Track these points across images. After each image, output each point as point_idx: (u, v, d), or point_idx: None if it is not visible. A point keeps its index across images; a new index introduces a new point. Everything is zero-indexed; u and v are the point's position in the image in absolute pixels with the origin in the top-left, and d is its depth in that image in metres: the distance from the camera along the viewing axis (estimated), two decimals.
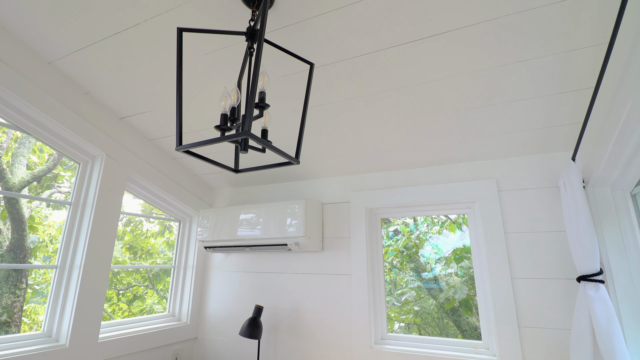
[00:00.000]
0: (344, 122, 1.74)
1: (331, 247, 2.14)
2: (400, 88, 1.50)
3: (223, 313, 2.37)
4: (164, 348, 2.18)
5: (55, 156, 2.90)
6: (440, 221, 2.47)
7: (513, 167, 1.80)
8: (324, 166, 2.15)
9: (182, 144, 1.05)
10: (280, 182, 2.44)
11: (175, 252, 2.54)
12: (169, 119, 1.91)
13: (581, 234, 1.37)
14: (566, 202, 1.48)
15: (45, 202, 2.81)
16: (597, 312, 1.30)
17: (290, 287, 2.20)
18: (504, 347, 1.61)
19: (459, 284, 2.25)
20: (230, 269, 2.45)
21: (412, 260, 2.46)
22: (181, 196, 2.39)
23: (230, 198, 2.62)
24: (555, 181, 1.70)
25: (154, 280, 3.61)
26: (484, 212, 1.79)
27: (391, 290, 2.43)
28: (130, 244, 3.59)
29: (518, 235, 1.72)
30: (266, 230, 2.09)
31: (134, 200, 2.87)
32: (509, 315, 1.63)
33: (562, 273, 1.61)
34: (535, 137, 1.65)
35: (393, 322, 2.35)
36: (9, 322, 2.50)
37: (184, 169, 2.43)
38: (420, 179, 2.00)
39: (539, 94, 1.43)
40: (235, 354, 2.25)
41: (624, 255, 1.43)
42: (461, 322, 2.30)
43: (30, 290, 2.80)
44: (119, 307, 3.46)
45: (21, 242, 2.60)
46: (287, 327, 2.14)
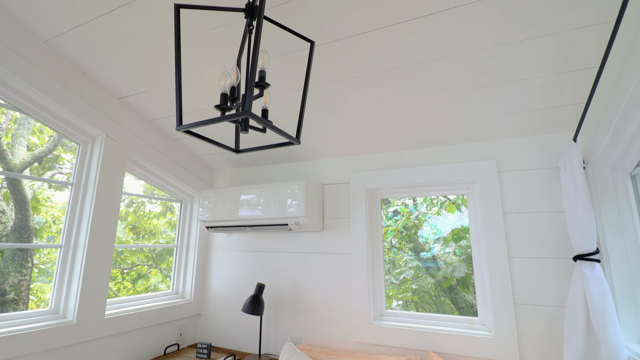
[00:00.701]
0: (345, 102, 1.73)
1: (331, 227, 2.17)
2: (401, 67, 1.48)
3: (225, 291, 2.43)
4: (169, 324, 2.24)
5: (56, 137, 2.89)
6: (440, 202, 2.48)
7: (514, 148, 1.80)
8: (324, 147, 2.15)
9: (182, 124, 1.05)
10: (281, 163, 2.44)
11: (177, 232, 2.58)
12: (168, 99, 1.89)
13: (579, 214, 1.38)
14: (565, 183, 1.48)
15: (47, 184, 2.83)
16: (592, 290, 1.33)
17: (291, 265, 2.24)
18: (499, 323, 1.66)
19: (456, 263, 2.29)
20: (232, 249, 2.48)
21: (411, 240, 2.50)
22: (182, 177, 2.40)
23: (231, 179, 2.63)
24: (556, 162, 1.71)
25: (157, 260, 3.68)
26: (483, 193, 1.80)
27: (390, 269, 2.48)
28: (133, 225, 3.63)
29: (516, 215, 1.73)
30: (267, 210, 2.11)
31: (135, 182, 2.88)
32: (505, 292, 1.67)
33: (559, 252, 1.63)
34: (537, 117, 1.64)
35: (391, 300, 2.40)
36: (17, 300, 2.56)
37: (184, 149, 2.43)
38: (421, 159, 2.00)
39: (542, 73, 1.41)
40: (237, 330, 2.32)
41: (621, 235, 1.45)
42: (458, 300, 2.36)
43: (36, 270, 2.86)
44: (123, 286, 3.54)
45: (25, 222, 2.62)
46: (288, 304, 2.19)
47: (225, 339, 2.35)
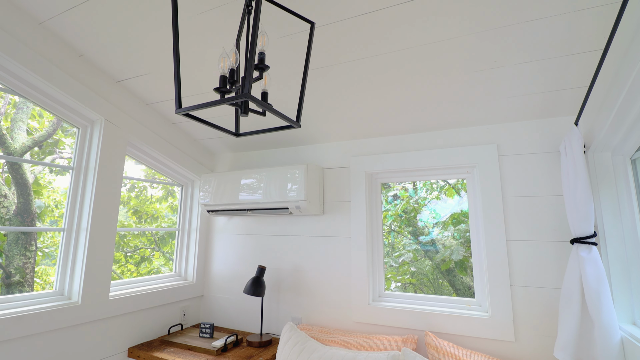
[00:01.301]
0: (345, 85, 1.71)
1: (331, 211, 2.18)
2: (403, 49, 1.46)
3: (227, 273, 2.47)
4: (172, 305, 2.29)
5: (55, 121, 2.88)
6: (439, 186, 2.49)
7: (515, 132, 1.79)
8: (325, 131, 2.14)
9: (181, 107, 1.04)
10: (281, 147, 2.44)
11: (179, 215, 2.60)
12: (167, 83, 1.88)
13: (578, 197, 1.39)
14: (565, 167, 1.49)
15: (48, 168, 2.83)
16: (588, 272, 1.35)
17: (291, 248, 2.27)
18: (495, 304, 1.69)
19: (455, 246, 2.31)
20: (233, 232, 2.51)
21: (410, 224, 2.52)
22: (182, 161, 2.40)
23: (231, 163, 2.63)
24: (556, 146, 1.70)
25: (160, 243, 3.72)
26: (483, 177, 1.81)
27: (389, 252, 2.51)
28: (136, 209, 3.66)
29: (516, 199, 1.74)
30: (267, 194, 2.12)
31: (136, 166, 2.88)
32: (502, 274, 1.70)
33: (556, 236, 1.65)
34: (539, 101, 1.63)
35: (390, 282, 2.44)
36: (22, 282, 2.60)
37: (184, 134, 2.42)
38: (421, 143, 2.00)
39: (545, 56, 1.39)
40: (239, 310, 2.37)
41: (619, 219, 1.46)
42: (456, 282, 2.39)
43: (40, 253, 2.89)
44: (127, 269, 3.60)
45: (27, 206, 2.64)
46: (289, 285, 2.23)
47: (228, 319, 2.41)
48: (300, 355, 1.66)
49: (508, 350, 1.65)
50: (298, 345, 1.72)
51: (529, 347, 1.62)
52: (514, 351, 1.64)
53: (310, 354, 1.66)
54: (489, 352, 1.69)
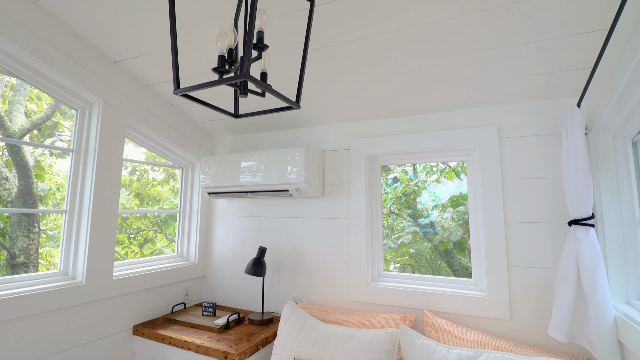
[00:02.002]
0: (346, 66, 1.69)
1: (331, 193, 2.19)
2: (404, 29, 1.43)
3: (228, 254, 2.51)
4: (175, 285, 2.34)
5: (53, 104, 2.86)
6: (439, 169, 2.49)
7: (516, 114, 1.78)
8: (325, 113, 2.13)
9: (179, 88, 1.03)
10: (281, 129, 2.43)
11: (179, 197, 2.62)
12: (165, 64, 1.85)
13: (577, 179, 1.39)
14: (566, 149, 1.48)
15: (48, 151, 2.83)
16: (584, 253, 1.37)
17: (292, 230, 2.29)
18: (492, 284, 1.72)
19: (453, 227, 2.34)
20: (233, 214, 2.53)
21: (409, 206, 2.53)
22: (182, 143, 2.39)
23: (231, 145, 2.62)
24: (558, 128, 1.69)
25: (162, 225, 3.76)
26: (483, 159, 1.81)
27: (388, 234, 2.54)
28: (137, 191, 3.68)
29: (515, 181, 1.75)
30: (268, 176, 2.13)
31: (136, 149, 2.88)
32: (499, 255, 1.72)
33: (555, 217, 1.66)
34: (541, 82, 1.61)
35: (389, 263, 2.48)
36: (27, 263, 2.63)
37: (183, 116, 2.41)
38: (422, 125, 1.99)
39: (550, 35, 1.36)
40: (241, 290, 2.42)
41: (617, 201, 1.47)
42: (453, 263, 2.43)
43: (44, 235, 2.92)
44: (131, 250, 3.65)
45: (29, 188, 2.65)
46: (289, 266, 2.27)
47: (230, 298, 2.46)
48: (301, 332, 1.71)
49: (503, 328, 1.70)
50: (298, 323, 1.76)
51: (524, 325, 1.66)
52: (509, 329, 1.69)
53: (310, 331, 1.70)
54: (485, 329, 1.73)
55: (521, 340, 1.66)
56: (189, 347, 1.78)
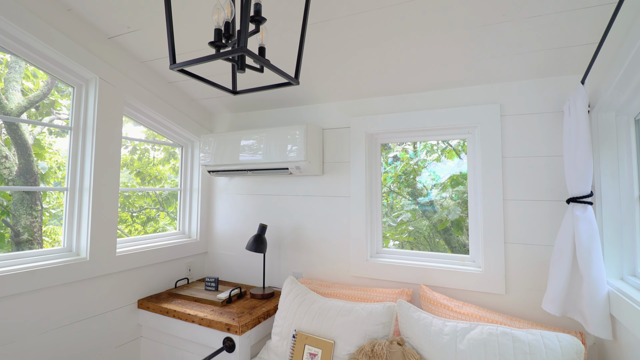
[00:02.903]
0: (345, 41, 1.65)
1: (331, 171, 2.20)
2: (406, 2, 1.38)
3: (230, 231, 2.54)
4: (178, 261, 2.38)
5: (49, 81, 2.82)
6: (440, 148, 2.48)
7: (519, 91, 1.75)
8: (325, 90, 2.10)
9: (175, 63, 1.01)
10: (280, 107, 2.40)
11: (180, 176, 2.63)
12: (161, 39, 1.81)
13: (578, 157, 1.39)
14: (568, 126, 1.47)
15: (47, 130, 2.81)
16: (581, 230, 1.38)
17: (292, 207, 2.31)
18: (488, 260, 1.75)
19: (452, 206, 2.35)
20: (234, 192, 2.55)
21: (409, 185, 2.54)
22: (181, 121, 2.38)
23: (230, 123, 2.61)
24: (560, 106, 1.67)
25: (164, 204, 3.79)
26: (484, 137, 1.79)
27: (388, 212, 2.56)
28: (138, 170, 3.69)
29: (515, 159, 1.74)
30: (267, 155, 2.13)
31: (135, 128, 2.87)
32: (497, 232, 1.74)
33: (553, 195, 1.67)
34: (546, 58, 1.57)
35: (388, 241, 2.51)
36: (31, 240, 2.67)
37: (181, 93, 2.38)
38: (423, 103, 1.96)
39: (556, 9, 1.32)
40: (242, 266, 2.47)
41: (616, 179, 1.47)
42: (451, 240, 2.47)
43: (47, 214, 2.95)
44: (134, 228, 3.70)
45: (29, 167, 2.65)
46: (289, 242, 2.31)
47: (232, 274, 2.51)
48: (301, 306, 1.76)
49: (498, 302, 1.74)
50: (299, 297, 1.81)
51: (519, 299, 1.70)
52: (504, 303, 1.73)
53: (310, 305, 1.75)
54: (480, 303, 1.77)
55: (516, 313, 1.70)
56: (192, 320, 1.84)
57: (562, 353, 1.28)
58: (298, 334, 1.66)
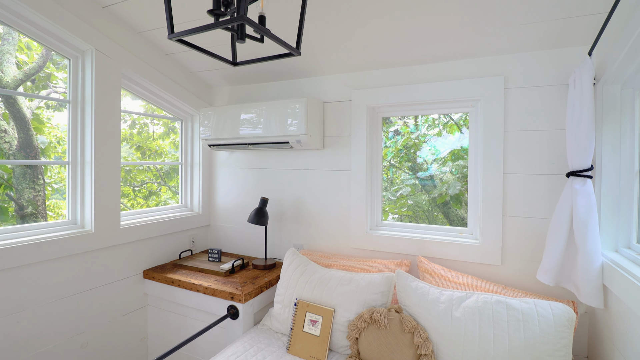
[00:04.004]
0: (346, 11, 1.60)
1: (332, 145, 2.19)
2: None
3: (231, 204, 2.57)
4: (181, 233, 2.43)
5: (44, 53, 2.76)
6: (442, 123, 2.46)
7: (524, 63, 1.71)
8: (326, 62, 2.05)
9: (173, 32, 0.99)
10: (280, 79, 2.36)
11: (180, 149, 2.62)
12: (156, 8, 1.75)
13: (581, 131, 1.38)
14: (572, 99, 1.45)
15: (45, 104, 2.78)
16: (579, 203, 1.40)
17: (293, 181, 2.33)
18: (486, 232, 1.79)
19: (452, 181, 2.37)
20: (235, 166, 2.56)
21: (409, 159, 2.54)
22: (179, 94, 2.35)
23: (230, 97, 2.57)
24: (566, 79, 1.64)
25: (165, 178, 3.81)
26: (486, 110, 1.78)
27: (387, 187, 2.57)
28: (138, 145, 3.68)
29: (517, 133, 1.74)
30: (268, 128, 2.11)
31: (134, 102, 2.83)
32: (496, 205, 1.77)
33: (553, 169, 1.67)
34: (554, 28, 1.53)
35: (387, 215, 2.55)
36: (36, 214, 2.70)
37: (179, 65, 2.33)
38: (425, 75, 1.93)
39: None
40: (245, 238, 2.52)
41: (617, 153, 1.47)
42: (450, 214, 2.50)
43: (49, 188, 2.97)
44: (137, 202, 3.74)
45: (29, 141, 2.65)
46: (290, 215, 2.34)
47: (234, 245, 2.57)
48: (302, 276, 1.81)
49: (494, 272, 1.79)
50: (300, 268, 1.86)
51: (514, 270, 1.75)
52: (499, 273, 1.78)
53: (311, 275, 1.80)
54: (477, 274, 1.82)
55: (511, 284, 1.76)
56: (197, 289, 1.90)
57: (554, 320, 1.34)
58: (299, 302, 1.71)
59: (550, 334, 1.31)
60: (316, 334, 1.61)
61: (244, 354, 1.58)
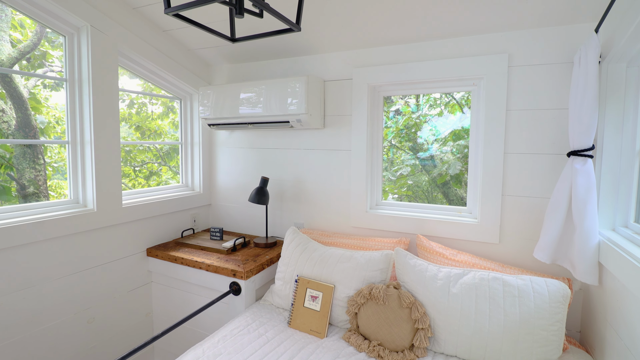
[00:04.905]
0: None
1: (332, 125, 2.18)
2: None
3: (232, 184, 2.58)
4: (183, 212, 2.45)
5: (39, 30, 2.70)
6: (443, 102, 2.44)
7: (529, 40, 1.68)
8: (327, 39, 2.01)
9: (170, 6, 0.97)
10: (280, 57, 2.32)
11: (180, 129, 2.61)
12: None
13: (584, 110, 1.37)
14: (576, 78, 1.43)
15: (42, 83, 2.75)
16: (579, 183, 1.40)
17: (293, 161, 2.33)
18: (485, 212, 1.80)
19: (452, 161, 2.36)
20: (235, 145, 2.55)
21: (410, 139, 2.53)
22: (177, 73, 2.31)
23: (229, 75, 2.54)
24: (571, 57, 1.61)
25: (165, 158, 3.81)
26: (489, 89, 1.76)
27: (388, 167, 2.58)
28: (138, 124, 3.66)
29: (519, 112, 1.72)
30: (268, 107, 2.10)
31: (131, 81, 2.79)
32: (495, 185, 1.77)
33: (554, 149, 1.67)
34: (560, 4, 1.49)
35: (387, 194, 2.56)
36: (38, 194, 2.71)
37: (177, 42, 2.28)
38: (428, 53, 1.89)
39: None
40: (246, 217, 2.54)
41: (620, 132, 1.46)
42: (449, 194, 2.51)
43: (50, 168, 2.97)
44: (137, 182, 3.75)
45: (27, 120, 2.63)
46: (291, 195, 2.36)
47: (235, 224, 2.60)
48: (303, 253, 1.84)
49: (492, 250, 1.81)
50: (301, 246, 1.89)
51: (511, 248, 1.77)
52: (496, 251, 1.81)
53: (311, 252, 1.83)
54: (474, 252, 1.85)
55: (508, 261, 1.79)
56: (200, 267, 1.93)
57: (549, 296, 1.37)
58: (300, 279, 1.75)
59: (545, 310, 1.34)
60: (316, 309, 1.66)
61: (247, 328, 1.63)
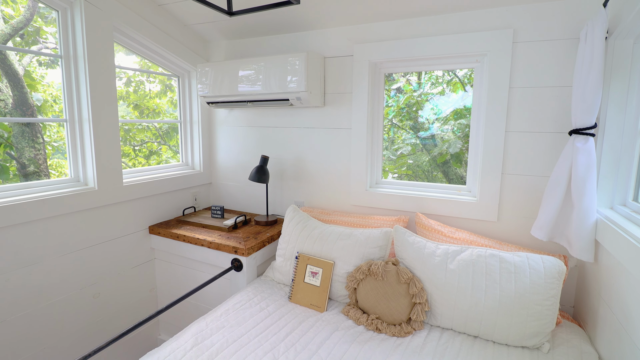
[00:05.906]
0: None
1: (333, 103, 2.16)
2: None
3: (232, 162, 2.58)
4: (183, 191, 2.47)
5: (31, 5, 2.63)
6: (445, 81, 2.40)
7: (535, 15, 1.63)
8: (327, 13, 1.96)
9: None
10: (279, 33, 2.26)
11: (179, 107, 2.59)
12: None
13: (588, 87, 1.35)
14: (582, 54, 1.40)
15: (37, 61, 2.70)
16: (579, 161, 1.40)
17: (293, 139, 2.32)
18: (484, 190, 1.81)
19: (453, 140, 2.35)
20: (234, 124, 2.53)
21: (411, 118, 2.51)
22: (174, 49, 2.27)
23: (227, 52, 2.49)
24: (577, 33, 1.57)
25: (165, 137, 3.79)
26: (493, 66, 1.72)
27: (388, 147, 2.57)
28: (136, 103, 3.62)
29: (522, 90, 1.70)
30: (267, 85, 2.07)
31: (128, 58, 2.74)
32: (495, 163, 1.77)
33: (556, 127, 1.66)
34: None
35: (387, 174, 2.56)
36: (38, 172, 2.71)
37: (173, 17, 2.22)
38: (431, 29, 1.85)
39: None
40: (246, 195, 2.56)
41: (623, 111, 1.44)
42: (449, 173, 2.51)
43: (49, 147, 2.96)
44: (138, 162, 3.75)
45: (24, 98, 2.60)
46: (291, 173, 2.36)
47: (236, 202, 2.62)
48: (303, 231, 1.86)
49: (490, 228, 1.84)
50: (301, 224, 1.91)
51: (509, 226, 1.79)
52: (494, 229, 1.83)
53: (311, 230, 1.85)
54: (473, 230, 1.87)
55: (505, 239, 1.81)
56: (202, 244, 1.96)
57: (545, 273, 1.39)
58: (300, 255, 1.78)
59: (540, 285, 1.37)
60: (316, 285, 1.69)
61: (248, 302, 1.67)
